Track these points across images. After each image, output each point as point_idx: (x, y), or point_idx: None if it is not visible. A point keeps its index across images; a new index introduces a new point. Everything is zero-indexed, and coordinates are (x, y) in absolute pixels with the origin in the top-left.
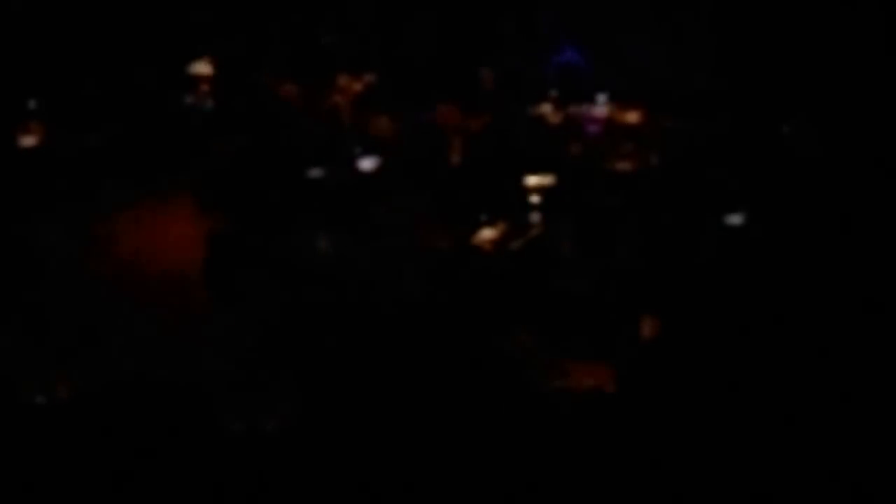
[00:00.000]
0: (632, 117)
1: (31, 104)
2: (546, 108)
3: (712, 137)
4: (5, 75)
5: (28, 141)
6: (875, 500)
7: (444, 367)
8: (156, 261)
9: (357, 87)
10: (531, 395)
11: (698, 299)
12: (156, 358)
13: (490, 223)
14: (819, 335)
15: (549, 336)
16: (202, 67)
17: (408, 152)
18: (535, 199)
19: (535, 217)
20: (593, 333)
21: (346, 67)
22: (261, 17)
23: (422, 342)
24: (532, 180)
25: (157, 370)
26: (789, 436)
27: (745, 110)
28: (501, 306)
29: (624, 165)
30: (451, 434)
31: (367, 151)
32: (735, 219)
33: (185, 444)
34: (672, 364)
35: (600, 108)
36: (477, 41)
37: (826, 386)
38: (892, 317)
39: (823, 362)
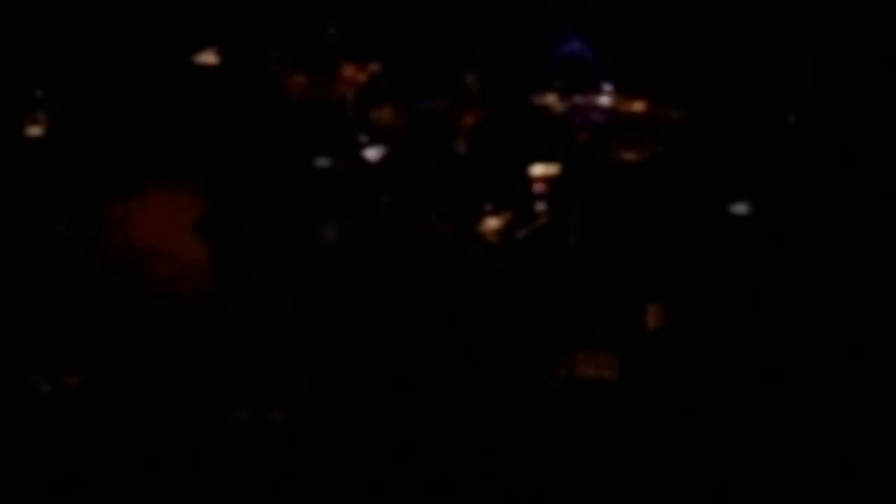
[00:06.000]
0: (637, 107)
1: (38, 94)
2: (551, 98)
3: (717, 127)
4: (11, 65)
5: (35, 131)
6: (876, 487)
7: (450, 357)
8: (162, 249)
9: (362, 77)
10: (536, 384)
11: (703, 289)
12: (162, 346)
13: (495, 213)
14: (824, 324)
15: (554, 325)
16: (208, 57)
17: (413, 142)
18: (539, 188)
19: (540, 206)
20: (598, 323)
21: (351, 57)
22: (266, 8)
23: (427, 331)
24: (537, 170)
25: (164, 358)
26: (793, 426)
27: (749, 100)
28: (507, 296)
29: (629, 155)
30: (456, 424)
31: (373, 141)
32: (740, 208)
33: (190, 432)
34: (677, 353)
35: (605, 97)
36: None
37: (830, 376)
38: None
39: (828, 351)
